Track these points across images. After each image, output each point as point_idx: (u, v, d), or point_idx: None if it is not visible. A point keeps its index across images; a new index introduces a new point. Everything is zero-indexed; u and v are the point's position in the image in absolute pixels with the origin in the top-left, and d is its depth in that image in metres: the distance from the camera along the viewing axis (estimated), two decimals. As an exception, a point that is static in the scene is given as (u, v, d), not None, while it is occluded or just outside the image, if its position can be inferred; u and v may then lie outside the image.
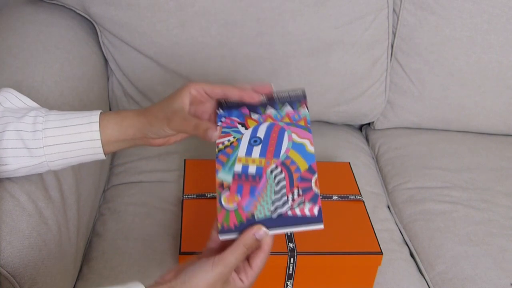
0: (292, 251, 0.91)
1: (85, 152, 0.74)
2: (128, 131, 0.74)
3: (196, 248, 0.89)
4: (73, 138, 0.73)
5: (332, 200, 1.03)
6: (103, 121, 0.74)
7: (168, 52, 1.16)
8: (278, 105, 0.74)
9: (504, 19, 1.23)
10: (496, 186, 1.22)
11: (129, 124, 0.74)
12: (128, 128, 0.74)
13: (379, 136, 1.39)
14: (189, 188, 1.03)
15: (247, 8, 1.14)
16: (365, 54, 1.24)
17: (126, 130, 0.74)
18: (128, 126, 0.74)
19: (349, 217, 1.00)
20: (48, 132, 0.72)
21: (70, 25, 1.14)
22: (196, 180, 1.05)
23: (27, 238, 0.75)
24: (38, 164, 0.74)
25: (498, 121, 1.35)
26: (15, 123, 0.72)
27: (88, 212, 1.01)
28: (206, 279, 0.62)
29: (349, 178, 1.10)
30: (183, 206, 0.99)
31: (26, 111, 0.74)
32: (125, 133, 0.74)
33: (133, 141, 0.75)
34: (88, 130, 0.73)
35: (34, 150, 0.72)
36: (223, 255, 0.63)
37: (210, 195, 1.01)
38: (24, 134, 0.72)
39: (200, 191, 1.02)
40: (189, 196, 1.01)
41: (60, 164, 0.75)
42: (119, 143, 0.75)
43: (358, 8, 1.19)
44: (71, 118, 0.74)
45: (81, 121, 0.73)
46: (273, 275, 0.93)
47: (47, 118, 0.73)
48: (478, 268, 1.02)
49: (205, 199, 1.01)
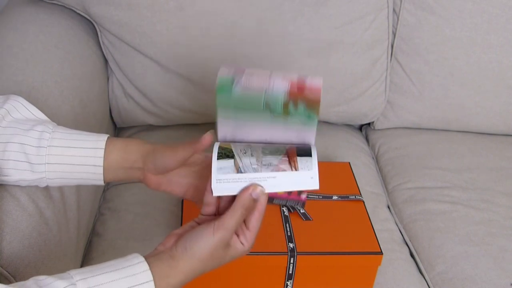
0: (292, 251, 0.91)
1: (85, 176, 0.74)
2: (130, 157, 0.73)
3: None
4: (76, 160, 0.73)
5: (332, 200, 1.03)
6: (109, 147, 0.73)
7: (168, 52, 1.16)
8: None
9: (504, 19, 1.23)
10: (496, 186, 1.22)
11: (133, 149, 0.73)
12: (131, 154, 0.73)
13: (379, 136, 1.39)
14: None
15: (247, 8, 1.14)
16: (365, 54, 1.24)
17: (129, 155, 0.73)
18: (132, 151, 0.73)
19: (349, 217, 1.00)
20: (53, 150, 0.72)
21: (70, 25, 1.14)
22: None
23: (27, 238, 0.75)
24: (38, 179, 0.74)
25: (498, 121, 1.35)
26: (20, 136, 0.72)
27: (88, 212, 1.01)
28: (208, 244, 0.63)
29: (349, 178, 1.10)
30: (183, 206, 0.99)
31: (33, 124, 0.74)
32: (127, 159, 0.73)
33: (132, 170, 0.74)
34: (93, 155, 0.73)
35: (36, 165, 0.72)
36: (223, 219, 0.63)
37: None
38: (28, 149, 0.72)
39: None
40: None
41: (58, 182, 0.75)
42: (120, 170, 0.74)
43: (358, 8, 1.19)
44: (77, 139, 0.73)
45: (87, 145, 0.73)
46: (273, 275, 0.93)
47: (54, 136, 0.73)
48: (478, 268, 1.02)
49: None
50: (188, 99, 1.23)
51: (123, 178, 0.75)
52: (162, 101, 1.23)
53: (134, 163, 0.73)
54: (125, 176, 0.75)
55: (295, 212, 0.99)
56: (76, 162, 0.73)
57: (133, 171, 0.74)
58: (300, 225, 0.96)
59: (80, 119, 1.01)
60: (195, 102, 1.23)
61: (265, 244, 0.92)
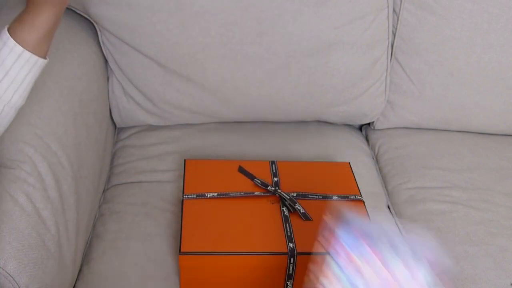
0: (292, 251, 0.91)
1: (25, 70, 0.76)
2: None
3: (196, 248, 0.89)
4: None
5: (332, 200, 1.03)
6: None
7: (168, 52, 1.16)
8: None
9: (504, 19, 1.23)
10: (496, 186, 1.22)
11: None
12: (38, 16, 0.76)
13: (379, 136, 1.39)
14: (189, 188, 1.03)
15: (247, 8, 1.14)
16: (365, 54, 1.24)
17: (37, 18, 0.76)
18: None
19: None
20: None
21: (70, 25, 1.14)
22: (196, 180, 1.05)
23: (26, 238, 0.75)
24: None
25: (498, 121, 1.35)
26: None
27: (88, 213, 1.01)
28: None
29: (349, 178, 1.10)
30: (183, 206, 0.99)
31: None
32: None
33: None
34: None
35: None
36: None
37: (210, 195, 1.01)
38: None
39: (200, 191, 1.02)
40: (189, 196, 1.01)
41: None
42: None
43: (358, 8, 1.19)
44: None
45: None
46: (273, 275, 0.93)
47: None
48: (478, 268, 1.02)
49: (205, 199, 1.01)
50: (188, 99, 1.23)
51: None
52: (162, 101, 1.23)
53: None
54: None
55: (295, 212, 0.99)
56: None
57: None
58: (300, 225, 0.96)
59: (79, 119, 1.01)
60: (195, 102, 1.23)
61: (265, 244, 0.92)
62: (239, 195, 1.02)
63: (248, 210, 0.99)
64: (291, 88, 1.23)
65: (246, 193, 1.02)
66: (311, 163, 1.15)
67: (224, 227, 0.95)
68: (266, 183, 1.04)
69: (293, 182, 1.06)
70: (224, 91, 1.21)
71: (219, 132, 1.29)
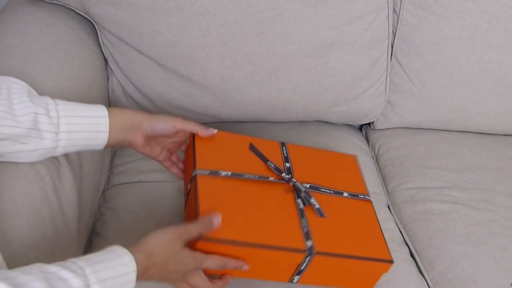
0: (310, 249, 0.86)
1: (92, 142, 0.83)
2: (127, 121, 0.85)
3: (215, 235, 0.82)
4: (86, 127, 0.81)
5: (343, 197, 0.99)
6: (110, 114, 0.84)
7: (168, 52, 1.16)
8: None
9: (504, 19, 1.23)
10: (496, 186, 1.22)
11: (129, 115, 0.86)
12: (128, 119, 0.85)
13: (379, 136, 1.39)
14: (202, 162, 0.91)
15: (247, 8, 1.14)
16: (365, 54, 1.24)
17: (126, 119, 0.85)
18: (128, 117, 0.86)
19: (360, 219, 0.96)
20: (63, 120, 0.79)
21: (70, 25, 1.14)
22: (207, 154, 0.94)
23: (26, 237, 0.75)
24: (52, 148, 0.80)
25: (498, 121, 1.35)
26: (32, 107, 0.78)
27: (88, 212, 1.01)
28: (160, 237, 0.74)
29: (356, 174, 1.06)
30: (197, 182, 0.87)
31: (35, 97, 0.80)
32: (125, 123, 0.85)
33: (127, 134, 0.86)
34: (101, 122, 0.82)
35: (50, 133, 0.78)
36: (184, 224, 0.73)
37: (224, 173, 0.91)
38: (42, 118, 0.78)
39: (213, 167, 0.91)
40: (203, 171, 0.90)
41: (67, 150, 0.82)
42: (118, 133, 0.84)
43: (358, 8, 1.19)
44: (82, 109, 0.82)
45: (93, 113, 0.82)
46: (284, 269, 0.89)
47: (58, 108, 0.80)
48: (478, 268, 1.02)
49: (219, 178, 0.90)
50: (188, 99, 1.23)
51: (120, 140, 0.86)
52: (162, 101, 1.23)
53: (131, 127, 0.85)
54: (122, 137, 0.86)
55: (309, 206, 0.93)
56: (86, 129, 0.81)
57: (128, 134, 0.86)
58: (314, 220, 0.91)
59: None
60: (195, 102, 1.23)
61: (282, 239, 0.86)
62: (253, 178, 0.93)
63: (262, 197, 0.91)
64: (291, 88, 1.23)
65: (260, 177, 0.93)
66: (320, 150, 1.08)
67: (239, 213, 0.86)
68: (280, 169, 0.97)
69: (305, 171, 1.00)
70: (224, 91, 1.21)
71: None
